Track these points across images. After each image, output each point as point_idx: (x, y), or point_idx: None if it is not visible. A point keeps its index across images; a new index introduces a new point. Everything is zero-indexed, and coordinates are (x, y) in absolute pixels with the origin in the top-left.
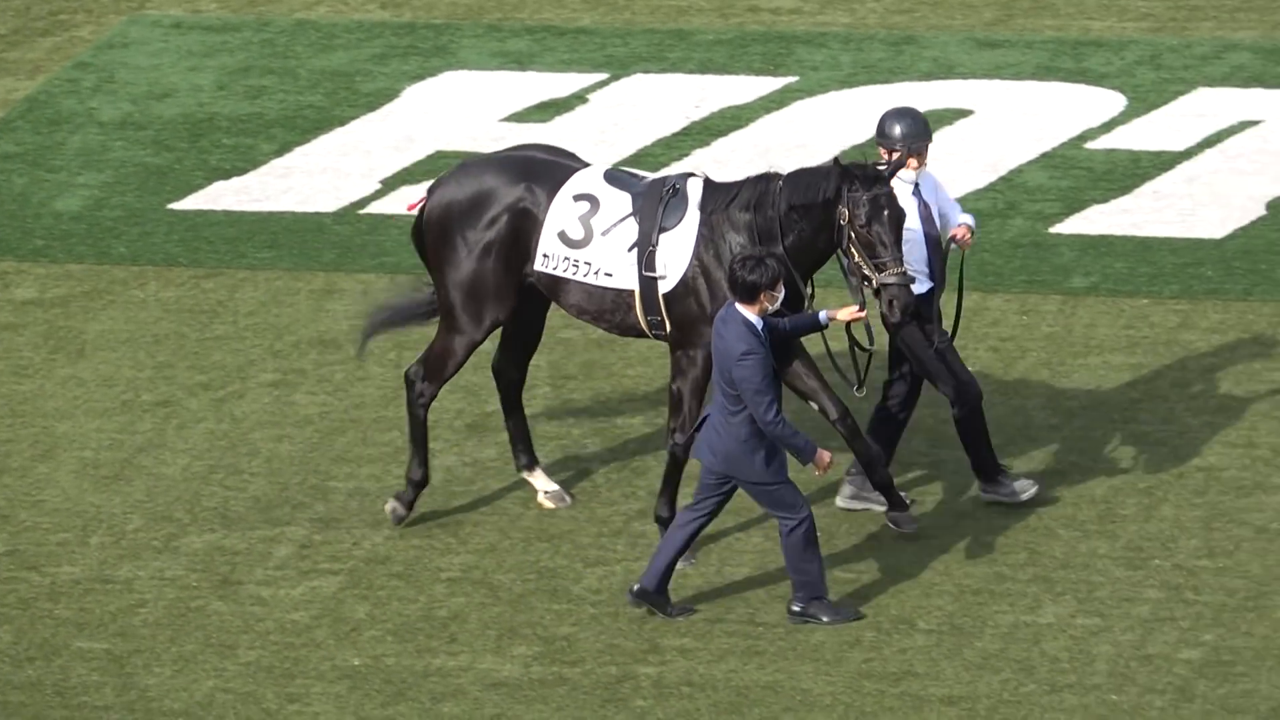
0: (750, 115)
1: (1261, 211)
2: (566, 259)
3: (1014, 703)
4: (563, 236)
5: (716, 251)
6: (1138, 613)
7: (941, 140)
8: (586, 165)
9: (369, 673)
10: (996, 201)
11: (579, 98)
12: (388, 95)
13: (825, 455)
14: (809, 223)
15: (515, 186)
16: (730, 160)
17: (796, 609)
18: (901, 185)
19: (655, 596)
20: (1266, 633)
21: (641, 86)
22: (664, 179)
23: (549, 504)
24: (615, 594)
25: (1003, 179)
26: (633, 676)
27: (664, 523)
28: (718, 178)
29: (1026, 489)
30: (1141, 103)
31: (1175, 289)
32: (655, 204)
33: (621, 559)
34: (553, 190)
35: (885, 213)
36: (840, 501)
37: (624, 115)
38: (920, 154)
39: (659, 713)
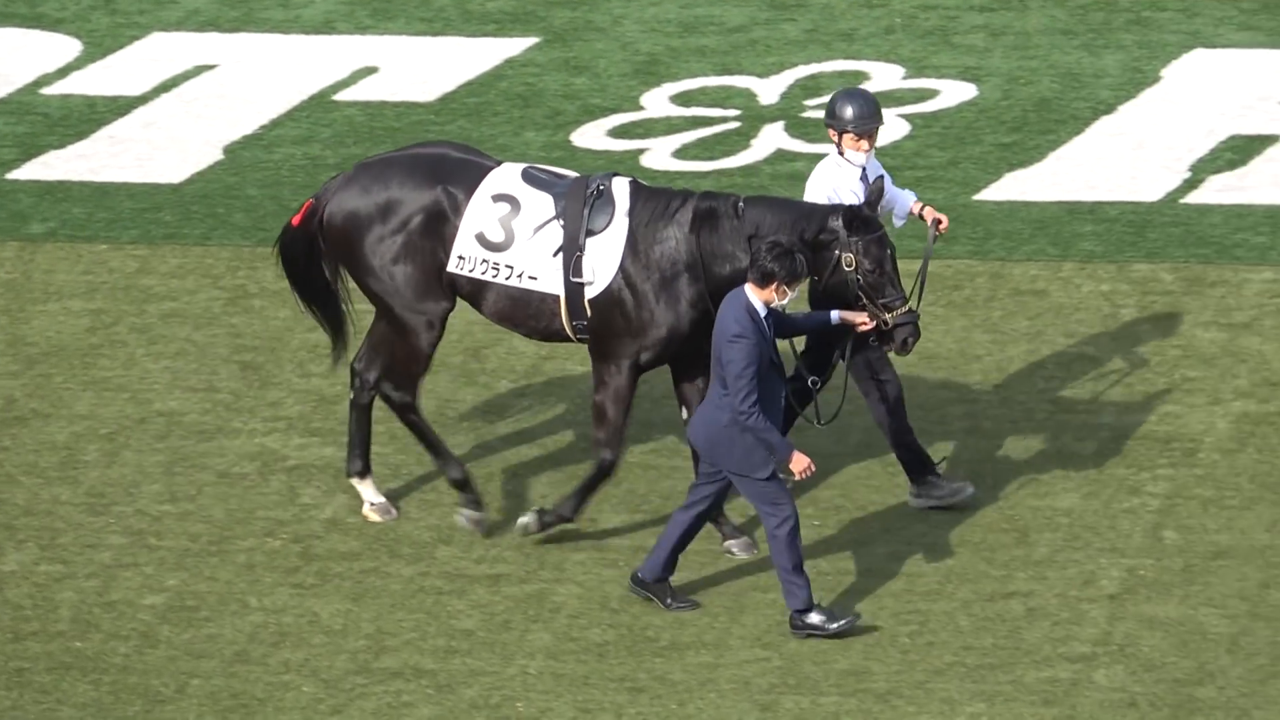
0: None
1: (218, 156)
2: (485, 261)
3: None
4: (481, 239)
5: (646, 262)
6: (100, 559)
7: None
8: (498, 163)
9: None
10: None
11: None
12: None
13: (803, 459)
14: None
15: (429, 188)
16: None
17: (797, 624)
18: (850, 169)
19: (654, 586)
20: (229, 577)
21: None
22: (586, 179)
23: (374, 516)
24: None
25: None
26: None
27: (542, 517)
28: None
29: (961, 490)
30: (97, 48)
31: (134, 234)
32: (580, 206)
33: None
34: (469, 189)
35: (888, 253)
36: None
37: None
38: (870, 136)
39: None
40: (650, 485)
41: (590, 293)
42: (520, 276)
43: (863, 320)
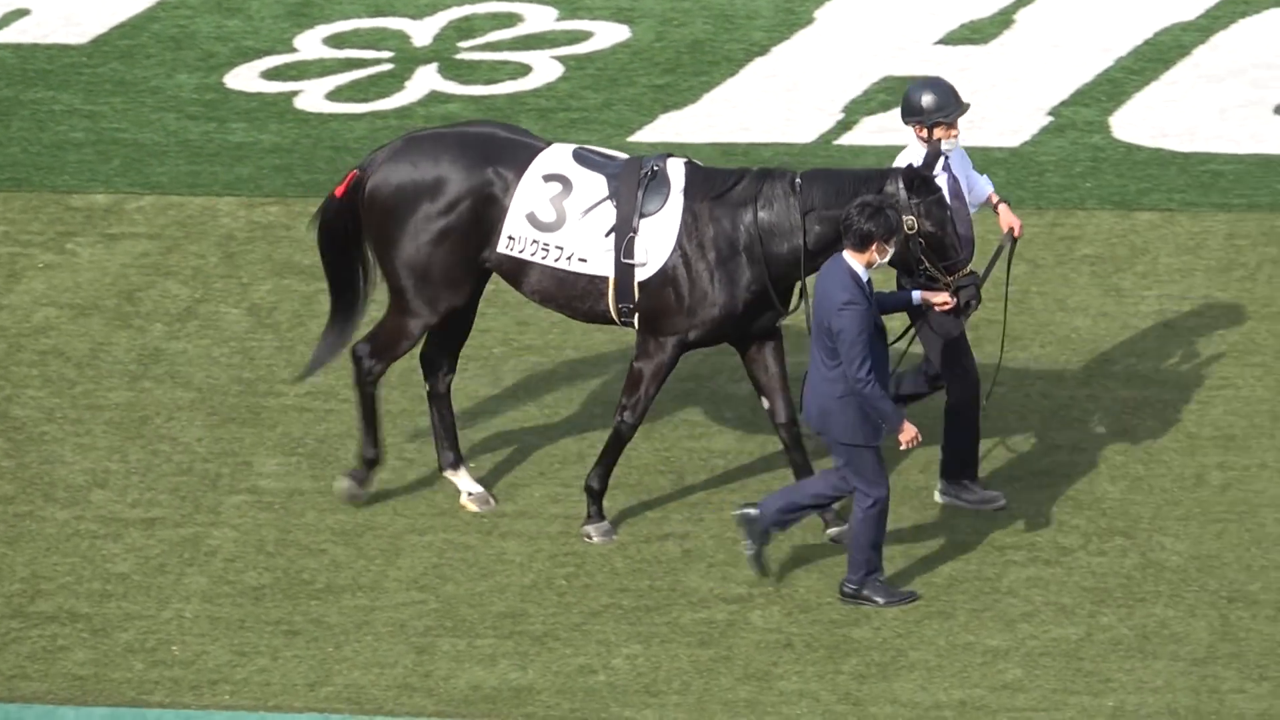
0: None
1: None
2: (535, 242)
3: None
4: (531, 219)
5: (701, 241)
6: None
7: None
8: (548, 143)
9: None
10: None
11: None
12: None
13: (911, 428)
14: (836, 230)
15: (479, 170)
16: None
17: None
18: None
19: (865, 589)
20: None
21: None
22: (640, 159)
23: (473, 506)
24: None
25: None
26: None
27: (593, 494)
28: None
29: (994, 500)
30: None
31: None
32: (633, 187)
33: None
34: (519, 170)
35: (949, 214)
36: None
37: None
38: (953, 123)
39: None
40: (306, 428)
41: (642, 275)
42: (570, 258)
43: (943, 300)
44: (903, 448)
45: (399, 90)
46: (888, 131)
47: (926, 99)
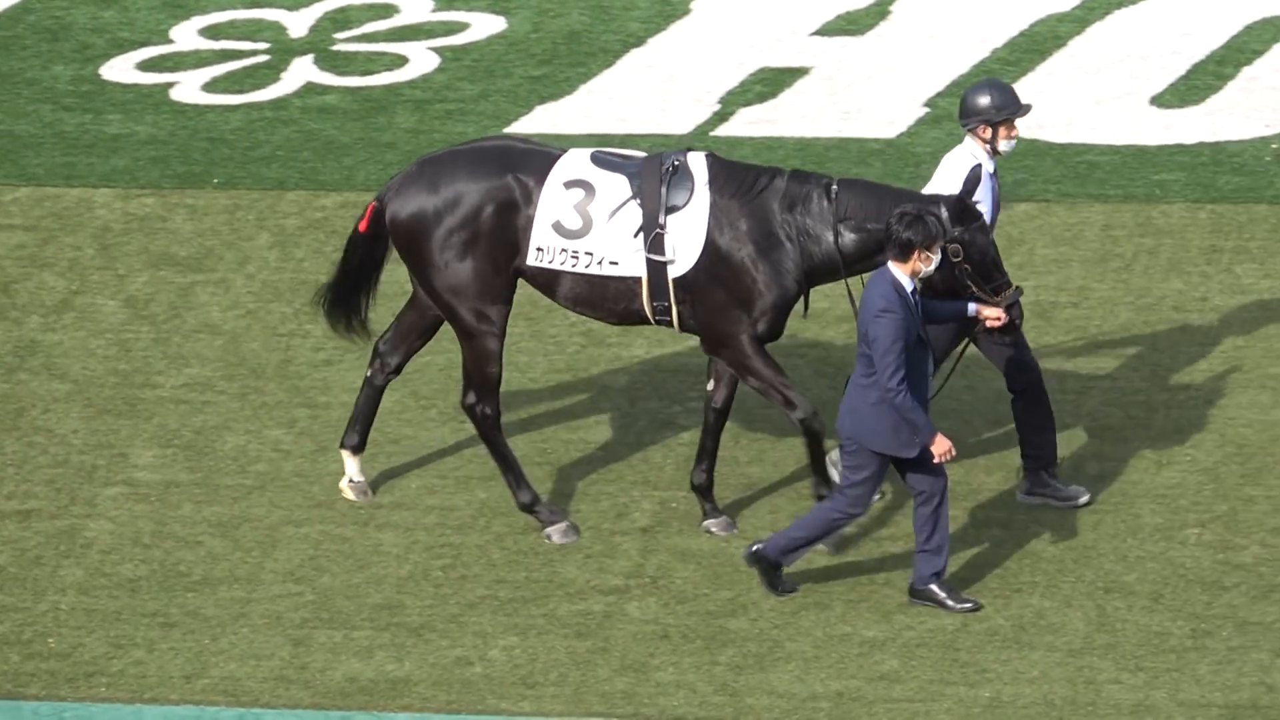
0: None
1: None
2: (564, 250)
3: None
4: (558, 228)
5: (736, 234)
6: None
7: None
8: (563, 150)
9: None
10: None
11: None
12: None
13: (945, 441)
14: (872, 242)
15: (497, 178)
16: None
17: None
18: (988, 163)
19: (770, 571)
20: None
21: None
22: (660, 155)
23: (350, 494)
24: None
25: None
26: None
27: (828, 482)
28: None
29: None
30: None
31: None
32: (656, 184)
33: None
34: (539, 177)
35: (991, 238)
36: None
37: None
38: (1014, 123)
39: None
40: (182, 420)
41: (675, 271)
42: (600, 263)
43: (995, 316)
44: (936, 460)
45: (275, 81)
46: (763, 123)
47: (993, 99)
